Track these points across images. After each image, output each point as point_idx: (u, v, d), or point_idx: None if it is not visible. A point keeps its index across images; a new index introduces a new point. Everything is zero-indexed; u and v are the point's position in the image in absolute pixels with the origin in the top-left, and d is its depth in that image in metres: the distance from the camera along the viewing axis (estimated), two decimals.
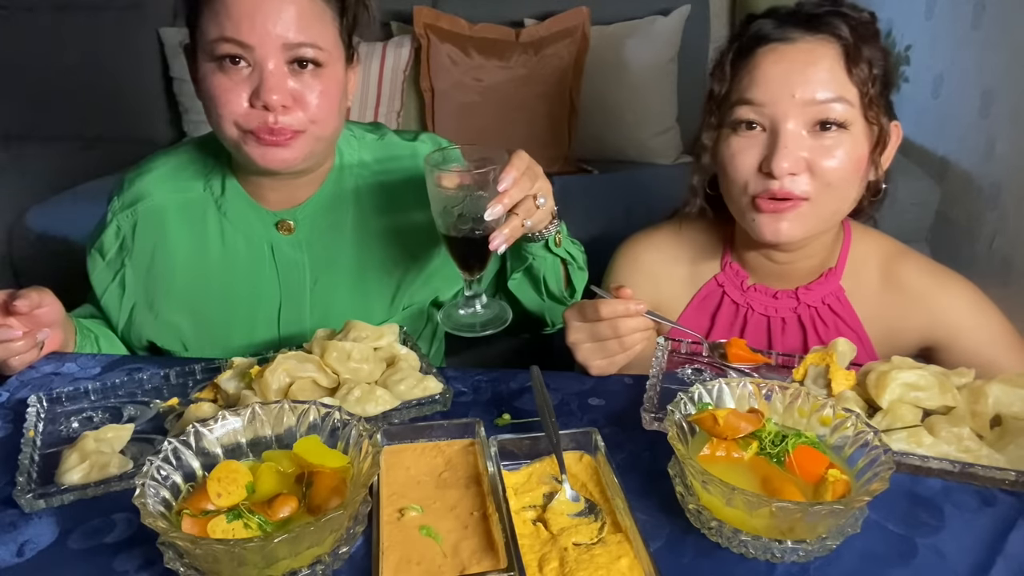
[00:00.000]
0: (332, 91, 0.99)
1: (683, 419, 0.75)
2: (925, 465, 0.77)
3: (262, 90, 0.93)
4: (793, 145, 0.93)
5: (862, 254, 1.08)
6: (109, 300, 1.13)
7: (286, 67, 0.95)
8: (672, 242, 1.16)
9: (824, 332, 1.08)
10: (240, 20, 0.92)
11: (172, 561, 0.63)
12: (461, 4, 2.49)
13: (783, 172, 0.94)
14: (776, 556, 0.67)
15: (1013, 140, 1.60)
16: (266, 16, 0.92)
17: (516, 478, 0.77)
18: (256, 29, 0.92)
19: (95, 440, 0.80)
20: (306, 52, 0.95)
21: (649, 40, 2.40)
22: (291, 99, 0.95)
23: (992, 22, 1.69)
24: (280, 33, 0.93)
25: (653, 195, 1.25)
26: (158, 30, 2.60)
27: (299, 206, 1.10)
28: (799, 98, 0.93)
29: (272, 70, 0.93)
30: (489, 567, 0.65)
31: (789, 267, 1.07)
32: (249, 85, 0.94)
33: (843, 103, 0.93)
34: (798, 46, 0.95)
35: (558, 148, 2.39)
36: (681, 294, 1.15)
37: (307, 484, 0.68)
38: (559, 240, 1.07)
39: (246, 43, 0.92)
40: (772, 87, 0.95)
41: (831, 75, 0.93)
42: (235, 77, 0.94)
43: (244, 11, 0.92)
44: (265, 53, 0.93)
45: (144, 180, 1.11)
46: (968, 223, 1.73)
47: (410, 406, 0.88)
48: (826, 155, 0.94)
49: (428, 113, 2.42)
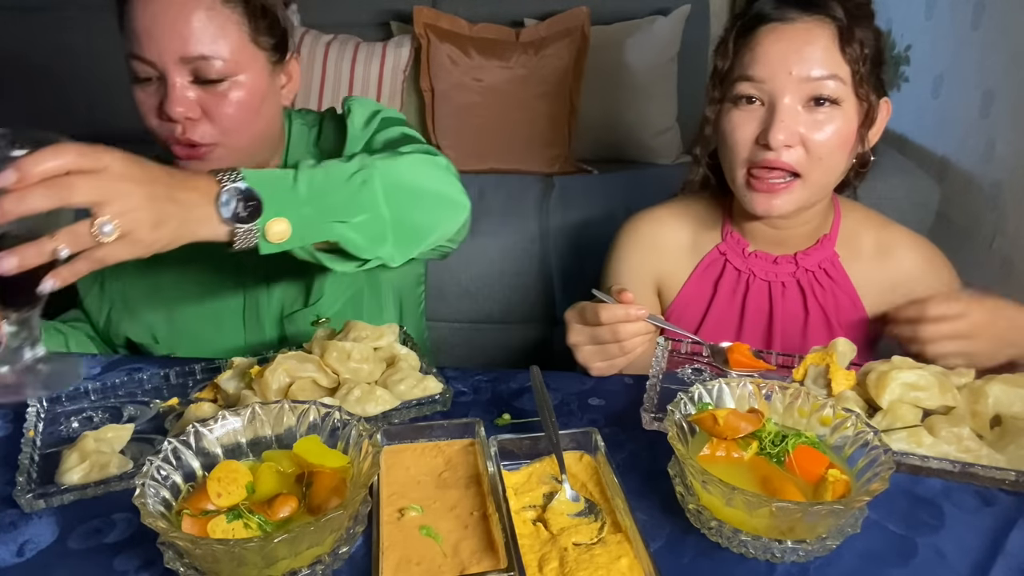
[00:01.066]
0: (245, 100, 0.97)
1: (683, 419, 0.75)
2: (925, 465, 0.77)
3: (166, 104, 0.93)
4: (789, 119, 0.99)
5: (852, 223, 1.14)
6: (91, 303, 1.14)
7: (190, 80, 0.94)
8: (674, 216, 1.20)
9: (822, 295, 1.12)
10: (140, 36, 0.92)
11: (172, 561, 0.63)
12: (461, 4, 2.49)
13: (779, 144, 0.99)
14: (776, 556, 0.67)
15: (1013, 140, 1.60)
16: (162, 31, 0.92)
17: (516, 478, 0.77)
18: (154, 45, 0.92)
19: (95, 440, 0.80)
20: (207, 65, 0.93)
21: (649, 40, 2.40)
22: (198, 111, 0.95)
23: (992, 22, 1.69)
24: (177, 48, 0.92)
25: (653, 195, 1.25)
26: None
27: None
28: (795, 75, 0.98)
29: (174, 84, 0.93)
30: (489, 567, 0.65)
31: (786, 233, 1.11)
32: (158, 98, 0.95)
33: (836, 80, 0.98)
34: (796, 26, 0.99)
35: (558, 148, 2.39)
36: (684, 265, 1.18)
37: (307, 484, 0.68)
38: (283, 232, 0.79)
39: (147, 59, 0.93)
40: (771, 64, 0.99)
41: (826, 54, 0.98)
42: (148, 90, 0.95)
43: (142, 27, 0.92)
44: (165, 68, 0.93)
45: None
46: (968, 223, 1.73)
47: (410, 406, 0.88)
48: (818, 129, 0.99)
49: (428, 113, 2.42)
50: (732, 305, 1.15)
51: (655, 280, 1.20)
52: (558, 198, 2.09)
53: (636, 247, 1.20)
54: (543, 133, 2.38)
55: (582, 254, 1.94)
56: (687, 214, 1.19)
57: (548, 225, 1.98)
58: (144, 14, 0.92)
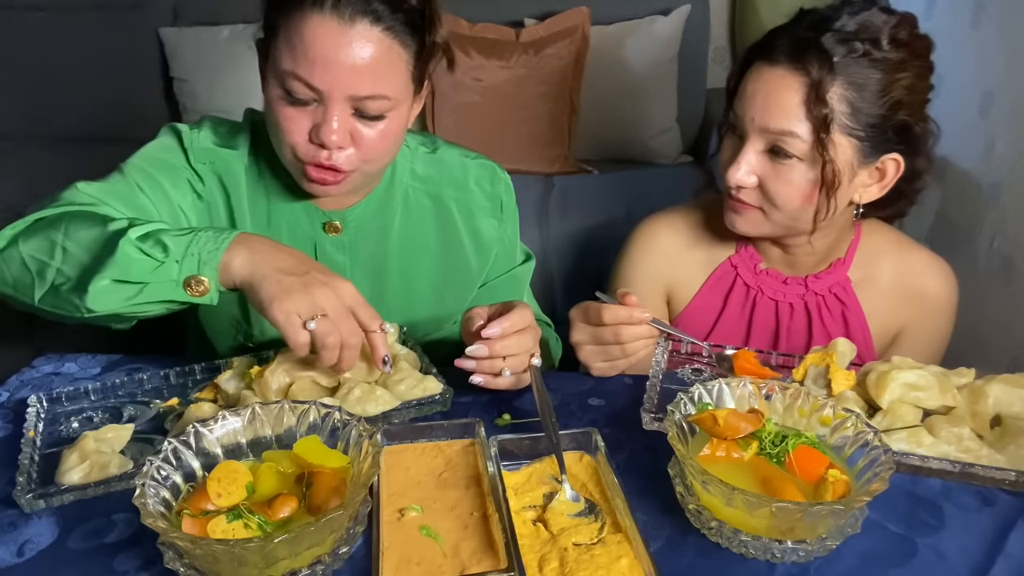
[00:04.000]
0: (392, 132, 0.96)
1: (683, 419, 0.75)
2: (925, 465, 0.77)
3: (322, 130, 0.91)
4: (747, 162, 0.99)
5: (871, 248, 1.12)
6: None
7: (351, 112, 0.92)
8: (690, 224, 1.18)
9: (828, 320, 1.11)
10: (314, 63, 0.88)
11: (172, 561, 0.63)
12: (461, 4, 2.48)
13: (735, 182, 1.00)
14: (776, 556, 0.67)
15: (1013, 140, 1.59)
16: (340, 66, 0.88)
17: (516, 478, 0.77)
18: (328, 77, 0.89)
19: (95, 440, 0.80)
20: (373, 104, 0.92)
21: (649, 40, 2.40)
22: (349, 140, 0.93)
23: (992, 22, 1.69)
24: (350, 84, 0.89)
25: (653, 195, 1.25)
26: (158, 30, 2.59)
27: (349, 208, 1.07)
28: (757, 122, 0.97)
29: (335, 114, 0.91)
30: (489, 567, 0.65)
31: (793, 257, 1.10)
32: (312, 120, 0.92)
33: (792, 137, 0.95)
34: (775, 71, 0.96)
35: (558, 148, 2.39)
36: (696, 275, 1.17)
37: (307, 484, 0.68)
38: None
39: (316, 87, 0.89)
40: (744, 105, 0.99)
41: (788, 109, 0.95)
42: (301, 111, 0.92)
43: (318, 55, 0.88)
44: (332, 99, 0.90)
45: (219, 133, 1.06)
46: (968, 223, 1.73)
47: (410, 406, 0.88)
48: (775, 178, 0.99)
49: (428, 113, 2.42)
50: (740, 320, 1.15)
51: (665, 287, 1.19)
52: (558, 198, 2.09)
53: (650, 253, 1.18)
54: (543, 133, 2.37)
55: (582, 254, 1.94)
56: (704, 223, 1.17)
57: (548, 225, 1.98)
58: (324, 42, 0.88)
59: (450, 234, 1.14)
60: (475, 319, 0.91)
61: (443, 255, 1.14)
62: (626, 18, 2.45)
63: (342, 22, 0.88)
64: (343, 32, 0.88)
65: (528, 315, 0.91)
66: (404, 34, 0.92)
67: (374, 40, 0.89)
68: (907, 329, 1.13)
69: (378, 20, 0.89)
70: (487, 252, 1.16)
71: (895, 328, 1.13)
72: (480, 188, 1.14)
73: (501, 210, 1.16)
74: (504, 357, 0.88)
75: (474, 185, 1.14)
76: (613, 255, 1.24)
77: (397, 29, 0.91)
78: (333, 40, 0.88)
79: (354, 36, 0.88)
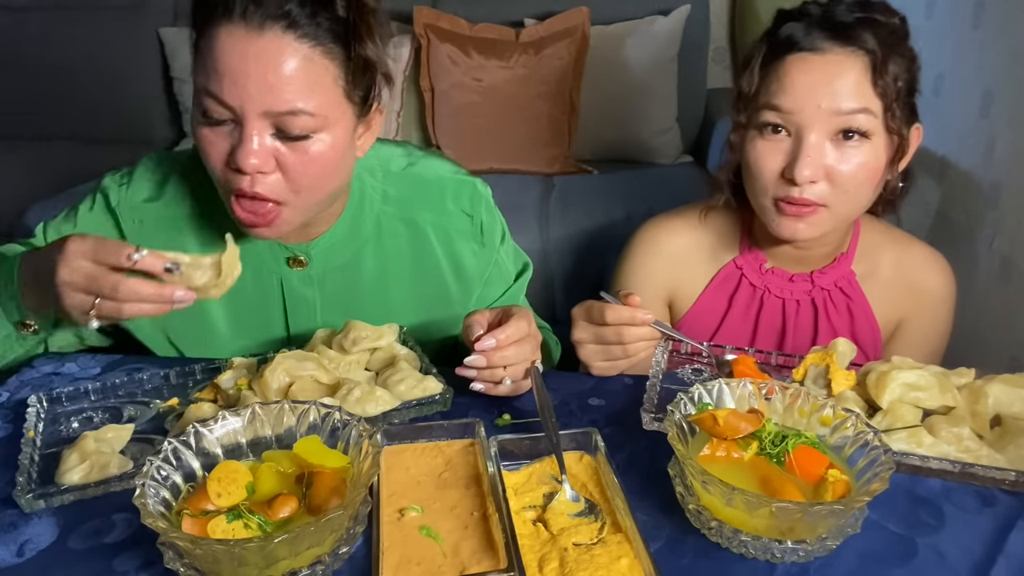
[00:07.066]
0: (324, 157, 0.87)
1: (683, 419, 0.75)
2: (925, 465, 0.77)
3: (238, 152, 0.83)
4: (815, 154, 0.96)
5: (871, 241, 1.13)
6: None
7: (271, 131, 0.84)
8: (691, 227, 1.17)
9: (834, 314, 1.12)
10: (222, 76, 0.81)
11: (172, 561, 0.63)
12: (461, 4, 2.49)
13: (804, 180, 0.97)
14: (776, 556, 0.67)
15: (1013, 140, 1.59)
16: (249, 78, 0.81)
17: (516, 478, 0.77)
18: (237, 91, 0.81)
19: (95, 440, 0.80)
20: (295, 122, 0.83)
21: (649, 40, 2.40)
22: (272, 164, 0.85)
23: (992, 22, 1.69)
24: (263, 100, 0.81)
25: (653, 195, 1.25)
26: (158, 30, 2.60)
27: (313, 241, 1.01)
28: (825, 108, 0.95)
29: (251, 135, 0.83)
30: (489, 567, 0.65)
31: (805, 253, 1.10)
32: (229, 143, 0.84)
33: (867, 114, 0.96)
34: (827, 57, 0.96)
35: (558, 148, 2.39)
36: (700, 277, 1.17)
37: (307, 484, 0.68)
38: None
39: (226, 103, 0.82)
40: (799, 96, 0.96)
41: (857, 88, 0.95)
42: (217, 132, 0.85)
43: (227, 67, 0.81)
44: (246, 117, 0.82)
45: (153, 181, 1.02)
46: (968, 223, 1.73)
47: (410, 406, 0.88)
48: (845, 162, 0.97)
49: (428, 113, 2.42)
50: (746, 320, 1.14)
51: (668, 291, 1.18)
52: (558, 198, 2.09)
53: (651, 257, 1.18)
54: (543, 133, 2.38)
55: (582, 254, 1.94)
56: (705, 225, 1.17)
57: (548, 225, 1.98)
58: (231, 53, 0.81)
59: (427, 262, 1.08)
60: (475, 327, 0.89)
61: (419, 284, 1.09)
62: (626, 18, 2.45)
63: (250, 30, 0.81)
64: (251, 40, 0.81)
65: (527, 324, 0.89)
66: (328, 43, 0.84)
67: (288, 48, 0.81)
68: (907, 324, 1.14)
69: (293, 27, 0.82)
70: (468, 282, 1.11)
71: (896, 321, 1.14)
72: (459, 208, 1.08)
73: (482, 233, 1.09)
74: (504, 367, 0.87)
75: (452, 205, 1.07)
76: (613, 255, 1.24)
77: (320, 37, 0.83)
78: (240, 50, 0.81)
79: (264, 45, 0.81)
